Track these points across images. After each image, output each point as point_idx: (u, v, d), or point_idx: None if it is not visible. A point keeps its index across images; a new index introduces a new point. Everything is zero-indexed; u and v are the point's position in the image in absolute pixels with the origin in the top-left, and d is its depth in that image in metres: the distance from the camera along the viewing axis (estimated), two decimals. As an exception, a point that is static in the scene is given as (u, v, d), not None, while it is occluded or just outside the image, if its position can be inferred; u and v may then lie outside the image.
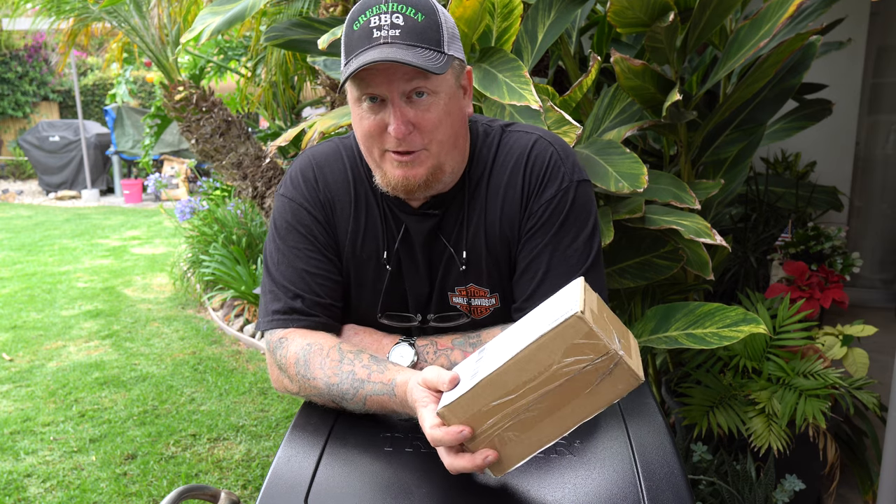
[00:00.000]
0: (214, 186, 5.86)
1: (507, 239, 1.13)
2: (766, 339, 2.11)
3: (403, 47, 0.98)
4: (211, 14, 2.04)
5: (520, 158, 1.12)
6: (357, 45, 1.00)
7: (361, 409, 1.03)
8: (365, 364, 1.03)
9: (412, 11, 1.00)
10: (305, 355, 1.07)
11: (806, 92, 2.50)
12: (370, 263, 1.16)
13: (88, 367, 3.82)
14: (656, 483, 0.87)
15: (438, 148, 1.05)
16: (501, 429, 0.82)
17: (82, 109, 11.20)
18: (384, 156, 1.06)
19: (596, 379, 0.78)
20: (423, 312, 1.18)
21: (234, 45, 5.07)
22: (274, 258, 1.16)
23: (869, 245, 4.22)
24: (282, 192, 1.19)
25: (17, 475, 2.70)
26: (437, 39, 1.01)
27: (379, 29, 0.99)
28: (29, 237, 7.63)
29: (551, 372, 0.78)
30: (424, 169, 1.05)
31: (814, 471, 2.09)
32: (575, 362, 0.77)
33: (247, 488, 2.59)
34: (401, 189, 1.07)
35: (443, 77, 1.03)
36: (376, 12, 1.00)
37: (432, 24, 1.01)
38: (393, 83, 1.00)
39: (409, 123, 1.01)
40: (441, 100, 1.03)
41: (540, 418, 0.81)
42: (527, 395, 0.80)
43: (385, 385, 0.99)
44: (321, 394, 1.06)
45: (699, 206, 1.71)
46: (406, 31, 0.99)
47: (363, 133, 1.05)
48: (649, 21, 1.74)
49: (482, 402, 0.81)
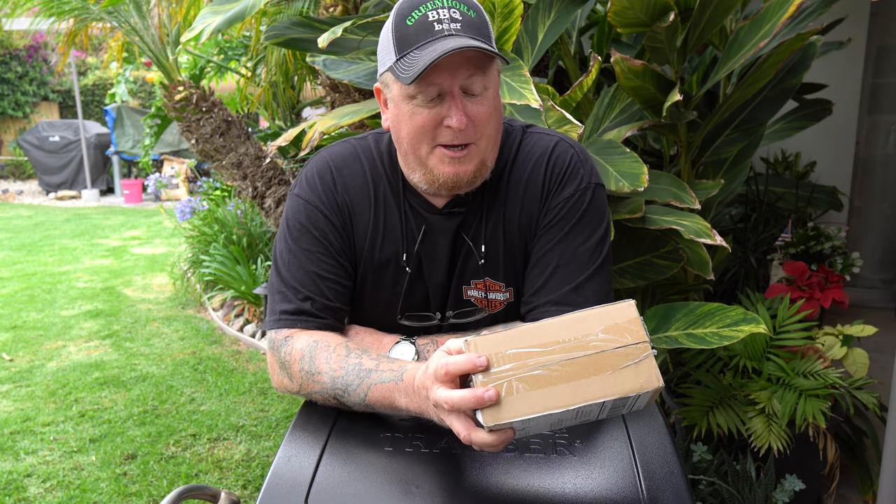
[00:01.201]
0: (214, 186, 5.86)
1: (524, 234, 1.14)
2: (766, 339, 2.11)
3: (470, 38, 0.99)
4: (211, 13, 2.04)
5: (541, 157, 1.14)
6: (417, 38, 1.00)
7: (361, 402, 1.02)
8: (373, 357, 1.03)
9: (465, 8, 1.02)
10: (311, 351, 1.07)
11: (806, 92, 2.50)
12: (389, 266, 1.16)
13: (88, 367, 3.82)
14: (656, 483, 0.87)
15: (487, 143, 1.07)
16: (514, 376, 0.83)
17: (82, 109, 11.21)
18: (433, 152, 1.06)
19: (623, 362, 0.81)
20: (441, 310, 1.18)
21: (234, 45, 5.07)
22: (285, 258, 1.15)
23: (869, 245, 4.22)
24: (297, 192, 1.17)
25: (17, 475, 2.70)
26: (489, 35, 1.04)
27: (440, 22, 1.00)
28: (29, 237, 7.64)
29: (586, 341, 0.82)
30: (473, 165, 1.06)
31: (814, 471, 2.09)
32: (612, 340, 0.82)
33: (247, 488, 2.59)
34: (448, 185, 1.08)
35: (493, 73, 1.05)
36: (432, 7, 1.00)
37: (484, 21, 1.04)
38: (456, 76, 1.01)
39: (468, 116, 1.03)
40: (491, 95, 1.05)
41: (554, 381, 0.82)
42: (553, 354, 0.82)
43: (394, 371, 0.98)
44: (324, 388, 1.05)
45: (699, 206, 1.71)
46: (466, 25, 1.01)
47: (415, 128, 1.05)
48: (650, 21, 1.74)
49: (510, 345, 0.83)
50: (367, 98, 2.66)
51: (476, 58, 1.00)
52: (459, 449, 0.95)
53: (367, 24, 1.85)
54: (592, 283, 1.11)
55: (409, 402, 0.94)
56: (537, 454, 0.94)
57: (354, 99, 2.78)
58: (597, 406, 0.82)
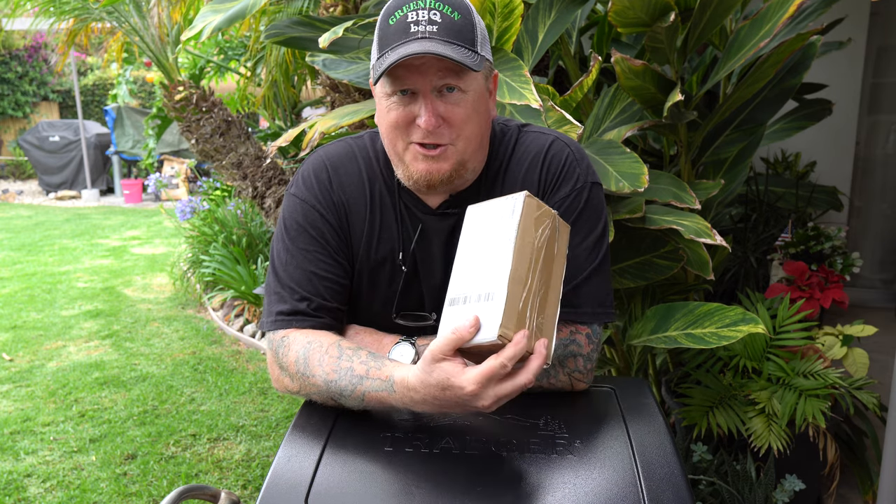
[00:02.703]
0: (214, 186, 5.86)
1: None
2: (766, 339, 2.11)
3: (441, 43, 0.99)
4: (212, 12, 2.04)
5: (536, 157, 1.14)
6: (393, 39, 1.01)
7: (360, 406, 1.02)
8: (363, 360, 1.02)
9: (449, 10, 1.01)
10: (305, 353, 1.07)
11: (806, 92, 2.50)
12: (385, 265, 1.16)
13: (88, 367, 3.82)
14: (656, 483, 0.87)
15: (465, 144, 1.06)
16: (533, 319, 0.88)
17: (82, 109, 11.20)
18: (408, 148, 1.07)
19: (555, 239, 0.93)
20: (437, 311, 1.17)
21: (234, 45, 5.08)
22: (282, 258, 1.14)
23: (869, 245, 4.22)
24: (293, 192, 1.17)
25: (17, 475, 2.70)
26: (472, 39, 1.03)
27: (417, 24, 1.00)
28: (29, 237, 7.63)
29: (536, 246, 0.90)
30: (449, 164, 1.06)
31: (814, 471, 2.09)
32: (543, 230, 0.92)
33: (247, 488, 2.59)
34: (423, 183, 1.08)
35: (474, 76, 1.04)
36: (414, 8, 1.00)
37: (468, 24, 1.03)
38: (426, 77, 1.01)
39: (439, 116, 1.03)
40: (470, 98, 1.05)
41: (545, 294, 0.90)
42: (534, 276, 0.89)
43: (383, 381, 0.98)
44: (321, 391, 1.05)
45: (699, 206, 1.71)
46: (443, 28, 1.00)
47: (389, 124, 1.06)
48: (650, 21, 1.74)
49: (516, 301, 0.87)
50: (367, 98, 2.66)
51: (448, 61, 1.00)
52: (459, 449, 0.95)
53: (368, 23, 1.85)
54: (591, 282, 1.11)
55: (408, 405, 0.96)
56: (537, 454, 0.94)
57: (354, 99, 2.78)
58: None
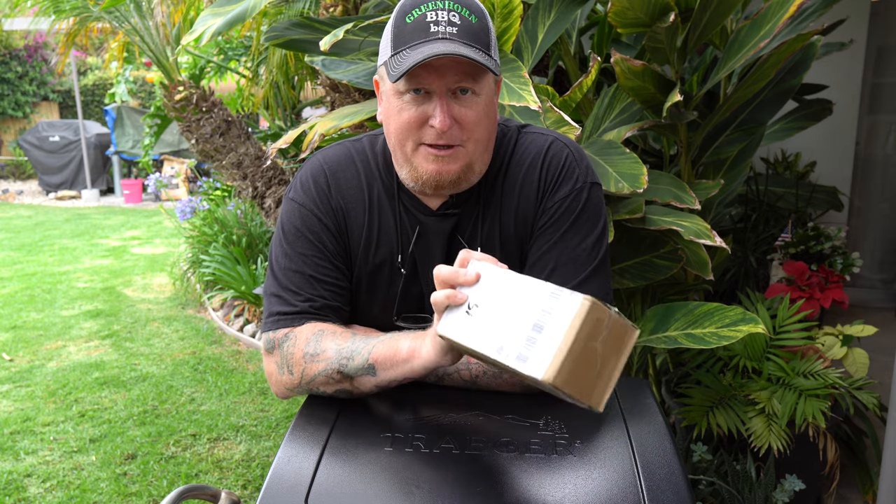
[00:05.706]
0: (214, 186, 5.86)
1: (520, 235, 1.14)
2: (766, 339, 2.11)
3: (462, 45, 0.99)
4: (212, 15, 2.04)
5: (536, 157, 1.14)
6: (412, 37, 1.01)
7: (364, 363, 1.03)
8: (377, 335, 1.08)
9: (467, 12, 1.02)
10: (318, 337, 1.08)
11: (806, 92, 2.50)
12: (384, 268, 1.16)
13: (88, 367, 3.82)
14: (656, 483, 0.87)
15: (475, 146, 1.07)
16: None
17: (82, 109, 11.19)
18: (417, 149, 1.07)
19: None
20: None
21: (235, 46, 5.07)
22: (281, 263, 1.15)
23: (869, 245, 4.22)
24: (291, 196, 1.17)
25: (17, 475, 2.70)
26: (488, 43, 1.03)
27: (437, 24, 1.00)
28: (29, 237, 7.63)
29: None
30: (458, 166, 1.07)
31: (814, 471, 2.09)
32: None
33: (247, 488, 2.59)
34: (431, 184, 1.08)
35: (487, 80, 1.05)
36: (433, 8, 1.01)
37: (484, 27, 1.03)
38: (443, 79, 1.01)
39: (453, 118, 1.03)
40: (482, 100, 1.05)
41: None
42: None
43: (394, 337, 1.04)
44: (328, 364, 1.05)
45: (699, 206, 1.71)
46: (463, 30, 1.01)
47: (401, 123, 1.06)
48: (650, 21, 1.75)
49: None
50: (367, 98, 2.66)
51: (467, 64, 1.01)
52: (459, 449, 0.96)
53: (369, 25, 1.85)
54: (591, 283, 1.11)
55: (417, 352, 1.00)
56: (537, 454, 0.94)
57: (354, 99, 2.78)
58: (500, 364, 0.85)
